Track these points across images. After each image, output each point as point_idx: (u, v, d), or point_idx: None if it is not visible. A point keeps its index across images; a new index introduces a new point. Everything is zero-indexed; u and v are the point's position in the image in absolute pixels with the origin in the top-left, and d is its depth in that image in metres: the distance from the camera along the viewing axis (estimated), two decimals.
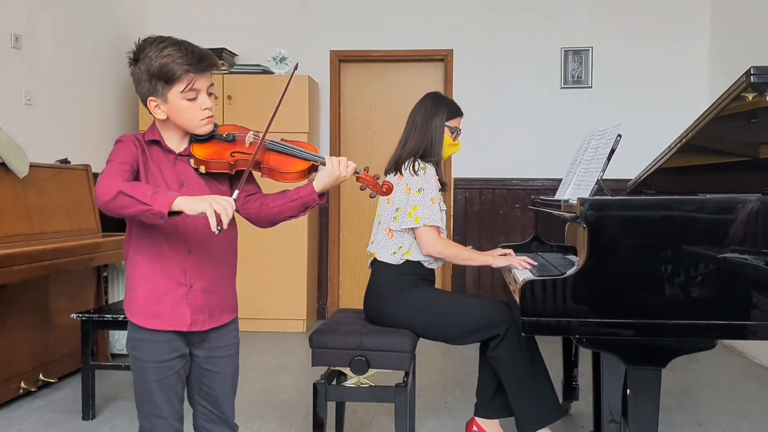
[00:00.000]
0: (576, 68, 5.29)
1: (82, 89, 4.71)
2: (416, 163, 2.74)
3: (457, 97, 5.30)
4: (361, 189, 1.91)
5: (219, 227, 1.59)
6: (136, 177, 1.77)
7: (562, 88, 5.32)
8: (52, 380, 3.60)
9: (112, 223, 4.68)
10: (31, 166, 3.54)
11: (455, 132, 2.87)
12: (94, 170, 4.19)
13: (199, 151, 1.81)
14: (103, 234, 4.06)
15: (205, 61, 1.76)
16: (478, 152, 5.26)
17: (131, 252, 1.83)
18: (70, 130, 4.54)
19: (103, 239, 3.84)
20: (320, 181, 1.82)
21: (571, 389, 3.28)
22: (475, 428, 2.84)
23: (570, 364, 3.28)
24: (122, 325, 3.23)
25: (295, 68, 1.95)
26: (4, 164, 3.38)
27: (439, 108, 2.83)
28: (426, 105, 2.85)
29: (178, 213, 1.62)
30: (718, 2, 5.09)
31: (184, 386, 1.91)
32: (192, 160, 1.82)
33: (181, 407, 1.90)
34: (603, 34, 5.26)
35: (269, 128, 1.81)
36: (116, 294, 4.30)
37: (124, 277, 4.30)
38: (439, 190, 2.79)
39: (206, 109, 1.79)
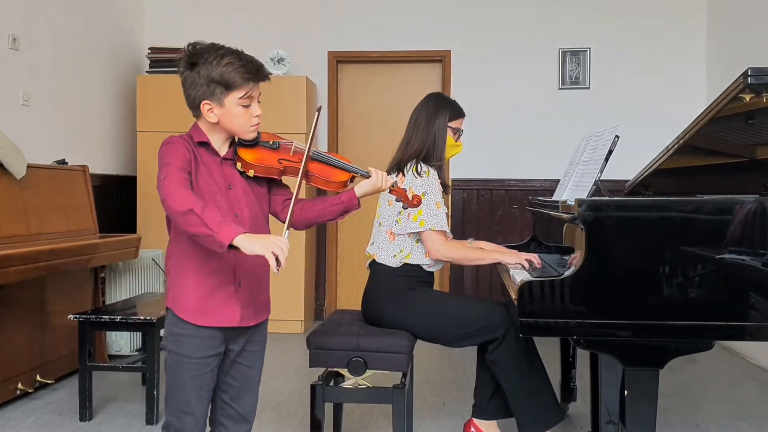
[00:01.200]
0: (574, 69, 5.30)
1: (80, 90, 4.70)
2: (419, 165, 2.73)
3: (455, 98, 5.22)
4: (396, 201, 2.14)
5: (278, 267, 1.68)
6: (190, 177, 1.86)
7: (559, 89, 5.32)
8: (49, 381, 3.59)
9: (110, 224, 4.68)
10: (29, 166, 3.54)
11: (457, 133, 2.86)
12: (91, 171, 4.19)
13: (248, 155, 1.91)
14: (100, 235, 4.05)
15: (263, 72, 1.89)
16: (476, 153, 5.26)
17: (180, 250, 1.88)
18: (67, 131, 4.53)
19: (101, 240, 3.83)
20: (362, 189, 2.02)
21: (568, 390, 3.28)
22: (472, 429, 2.84)
23: (568, 365, 3.28)
24: (120, 326, 3.23)
25: (319, 111, 2.06)
26: (1, 165, 3.37)
27: (441, 109, 2.82)
28: (429, 106, 2.84)
29: (236, 247, 1.69)
30: (715, 3, 5.10)
31: (214, 385, 1.96)
32: (239, 164, 1.91)
33: (208, 406, 1.95)
34: (601, 34, 5.27)
35: (312, 138, 1.93)
36: (113, 295, 4.30)
37: (121, 279, 4.31)
38: (442, 192, 2.79)
39: (257, 116, 1.90)
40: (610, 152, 2.48)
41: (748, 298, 1.93)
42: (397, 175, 2.77)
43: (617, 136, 2.49)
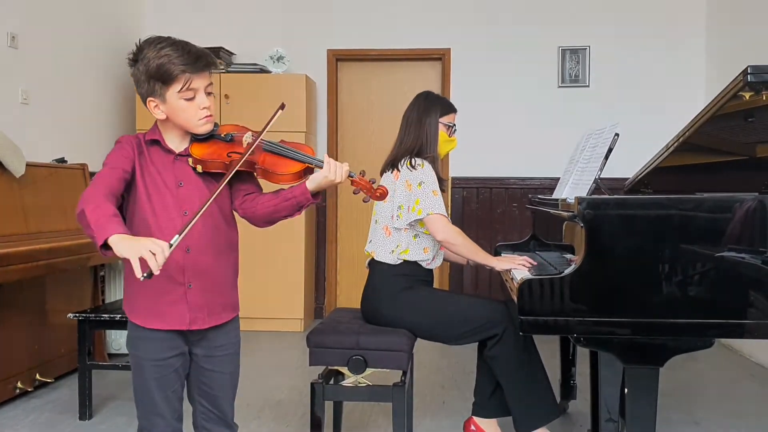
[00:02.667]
0: (573, 67, 5.29)
1: (79, 88, 4.70)
2: (413, 159, 2.74)
3: (455, 96, 5.31)
4: (354, 193, 1.89)
5: (145, 274, 1.53)
6: (131, 179, 1.79)
7: (559, 87, 5.32)
8: (48, 380, 3.59)
9: None
10: (28, 165, 3.53)
11: (450, 128, 2.87)
12: (91, 169, 4.18)
13: (197, 150, 1.82)
14: None
15: (202, 60, 1.76)
16: (475, 151, 5.26)
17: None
18: (66, 129, 4.53)
19: None
20: (313, 181, 1.82)
21: (569, 388, 3.28)
22: (472, 427, 2.84)
23: (568, 363, 3.28)
24: (119, 324, 3.23)
25: (281, 107, 1.83)
26: (0, 163, 3.37)
27: (432, 106, 2.83)
28: (419, 104, 2.85)
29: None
30: (714, 1, 5.09)
31: (183, 385, 1.91)
32: (190, 160, 1.82)
33: (180, 406, 1.90)
34: (600, 33, 5.26)
35: (266, 130, 1.81)
36: (113, 293, 4.29)
37: (120, 277, 4.30)
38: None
39: (204, 108, 1.79)
40: (609, 150, 2.48)
41: (748, 295, 1.93)
42: (391, 172, 2.77)
43: (617, 134, 2.49)
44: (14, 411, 3.29)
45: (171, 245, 1.58)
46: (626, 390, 2.02)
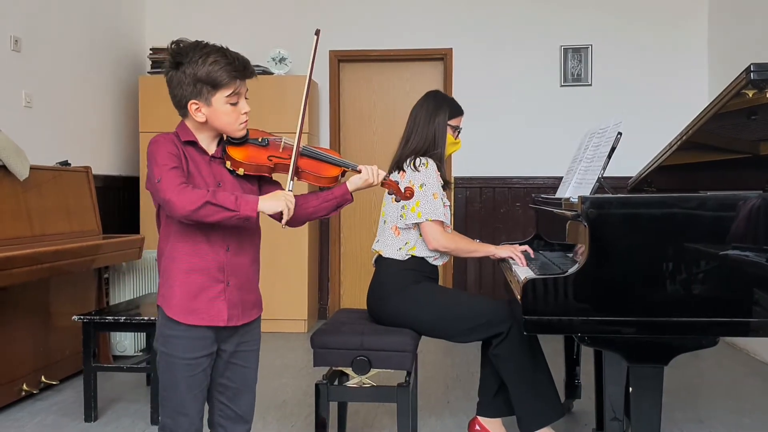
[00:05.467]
0: (575, 66, 5.29)
1: (82, 91, 4.71)
2: (417, 159, 2.75)
3: (457, 95, 5.28)
4: (389, 194, 2.13)
5: (285, 222, 1.80)
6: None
7: (561, 86, 5.32)
8: (53, 382, 3.60)
9: (113, 225, 4.69)
10: (32, 168, 3.54)
11: (456, 130, 2.88)
12: (94, 172, 4.19)
13: (237, 153, 1.89)
14: (103, 236, 4.06)
15: (249, 68, 1.89)
16: (478, 151, 5.26)
17: (169, 249, 1.88)
18: (70, 133, 4.54)
19: (104, 241, 3.84)
20: (354, 184, 1.99)
21: (573, 387, 3.28)
22: (477, 427, 2.84)
23: (572, 363, 3.28)
24: (124, 326, 3.24)
25: (317, 37, 1.99)
26: (4, 167, 3.38)
27: (441, 107, 2.84)
28: (428, 104, 2.85)
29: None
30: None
31: (207, 385, 1.95)
32: (228, 163, 1.89)
33: (203, 406, 1.95)
34: (602, 31, 5.26)
35: (301, 135, 1.92)
36: (117, 296, 4.30)
37: (124, 279, 4.31)
38: (442, 187, 2.80)
39: (245, 113, 1.89)
40: (612, 149, 2.48)
41: (752, 294, 1.93)
42: (398, 173, 2.79)
43: (620, 133, 2.49)
44: (20, 413, 3.30)
45: (291, 191, 1.83)
46: (631, 389, 2.01)
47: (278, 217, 1.80)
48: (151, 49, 5.23)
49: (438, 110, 2.83)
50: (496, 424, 2.83)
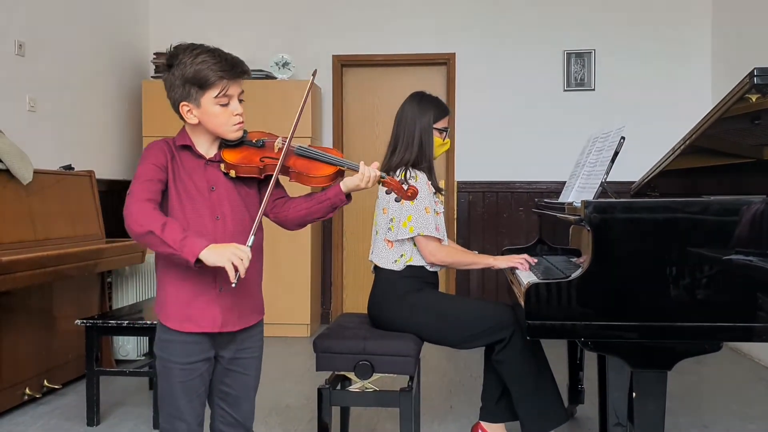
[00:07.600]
0: (578, 71, 5.29)
1: (86, 95, 4.72)
2: (407, 171, 2.72)
3: (460, 100, 5.32)
4: (387, 193, 1.99)
5: (235, 280, 1.66)
6: (165, 185, 1.82)
7: (564, 90, 5.32)
8: (56, 386, 3.60)
9: (116, 229, 4.69)
10: (35, 172, 3.55)
11: (444, 132, 2.86)
12: (97, 176, 4.20)
13: (230, 156, 1.86)
14: (106, 240, 4.06)
15: (238, 67, 1.83)
16: (481, 155, 5.26)
17: (162, 257, 1.85)
18: (73, 137, 4.55)
19: (107, 245, 3.84)
20: (348, 183, 1.90)
21: (576, 393, 3.27)
22: None
23: (575, 368, 3.27)
24: (126, 330, 3.23)
25: (314, 74, 2.00)
26: (8, 171, 3.39)
27: (425, 111, 2.81)
28: (412, 108, 2.83)
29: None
30: (719, 3, 5.09)
31: (206, 391, 1.94)
32: (222, 165, 1.87)
33: (202, 411, 1.93)
34: (605, 36, 5.26)
35: (294, 133, 1.87)
36: (120, 300, 4.30)
37: (127, 284, 4.32)
38: (435, 194, 2.79)
39: (237, 114, 1.85)
40: (616, 154, 2.47)
41: (756, 299, 1.93)
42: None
43: (623, 138, 2.48)
44: (22, 417, 3.30)
45: (249, 247, 1.70)
46: (634, 394, 2.01)
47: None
48: (154, 54, 5.24)
49: (422, 115, 2.79)
50: (500, 429, 2.82)
